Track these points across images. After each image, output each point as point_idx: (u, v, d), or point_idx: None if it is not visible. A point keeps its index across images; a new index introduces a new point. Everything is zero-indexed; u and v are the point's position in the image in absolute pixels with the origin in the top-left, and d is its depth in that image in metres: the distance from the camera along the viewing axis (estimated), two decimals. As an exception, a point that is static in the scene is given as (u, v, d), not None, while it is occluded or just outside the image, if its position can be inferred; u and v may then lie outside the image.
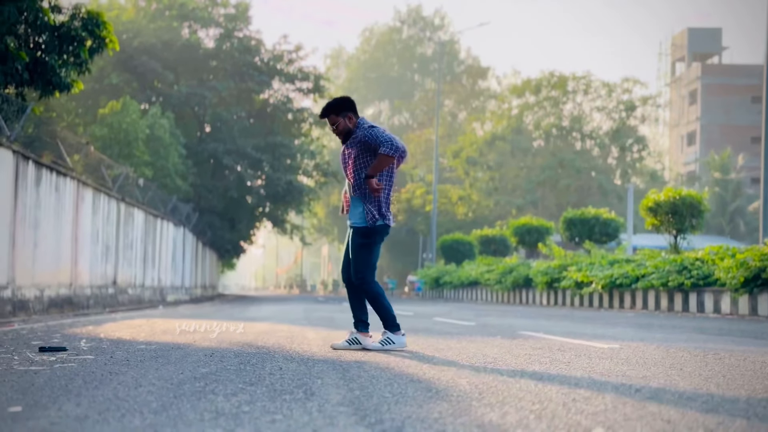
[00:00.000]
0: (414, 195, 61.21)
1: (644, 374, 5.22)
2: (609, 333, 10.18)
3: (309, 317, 15.59)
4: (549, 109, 57.75)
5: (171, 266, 32.86)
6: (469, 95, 75.84)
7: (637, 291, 20.67)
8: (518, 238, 31.40)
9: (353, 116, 7.35)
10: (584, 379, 4.97)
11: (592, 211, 27.46)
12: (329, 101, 7.43)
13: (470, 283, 34.39)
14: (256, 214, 48.87)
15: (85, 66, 18.66)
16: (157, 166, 32.13)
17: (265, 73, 44.26)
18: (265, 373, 5.14)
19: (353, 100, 7.52)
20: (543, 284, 25.58)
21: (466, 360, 6.24)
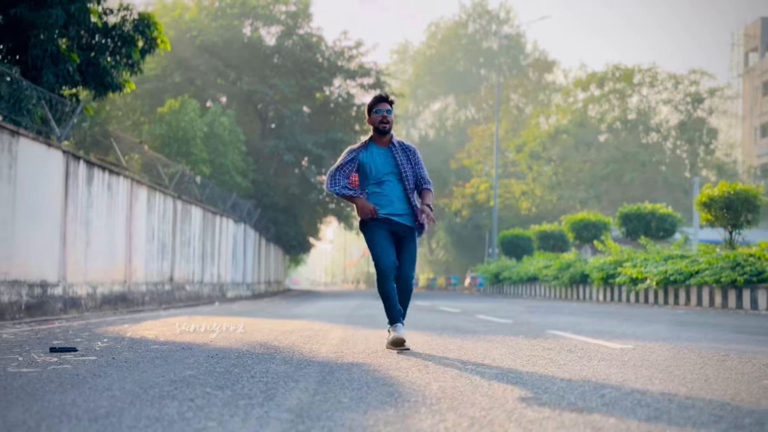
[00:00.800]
0: (478, 190, 60.98)
1: (626, 377, 5.16)
2: (638, 332, 10.04)
3: (352, 315, 15.66)
4: (614, 102, 56.97)
5: (231, 262, 33.24)
6: (536, 89, 75.24)
7: (691, 288, 20.31)
8: (575, 233, 31.06)
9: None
10: (559, 383, 4.93)
11: (649, 206, 27.02)
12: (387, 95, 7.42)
13: (529, 279, 34.15)
14: (319, 210, 49.17)
15: (137, 66, 19.07)
16: (216, 164, 32.52)
17: (325, 70, 44.47)
18: (247, 376, 5.19)
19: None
20: (599, 280, 25.29)
21: (464, 360, 6.22)
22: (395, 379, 5.10)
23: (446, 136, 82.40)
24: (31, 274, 14.55)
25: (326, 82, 44.71)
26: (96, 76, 18.14)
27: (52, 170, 15.72)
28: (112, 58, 18.61)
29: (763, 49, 71.59)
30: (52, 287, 15.54)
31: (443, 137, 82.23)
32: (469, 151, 65.79)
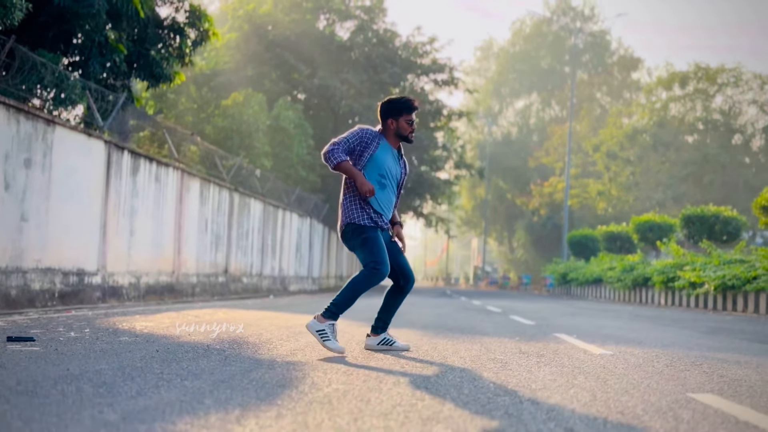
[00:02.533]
0: (556, 189, 60.15)
1: (550, 392, 4.88)
2: (650, 338, 9.63)
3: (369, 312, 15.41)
4: (696, 102, 55.57)
5: (295, 256, 33.33)
6: (620, 87, 73.88)
7: (749, 294, 19.59)
8: (640, 234, 30.30)
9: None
10: (469, 388, 4.68)
11: (713, 208, 26.17)
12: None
13: (594, 281, 33.49)
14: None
15: (188, 58, 19.20)
16: (280, 158, 32.63)
17: (399, 66, 44.31)
18: (156, 372, 5.07)
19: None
20: (660, 284, 24.61)
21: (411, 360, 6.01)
22: (302, 379, 4.90)
23: (529, 134, 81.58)
24: (66, 262, 14.71)
25: (399, 77, 44.50)
26: (146, 68, 18.32)
27: (93, 160, 15.88)
28: (163, 50, 18.79)
29: None
30: (90, 276, 15.70)
31: (525, 135, 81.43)
32: (548, 150, 64.96)
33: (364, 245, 6.72)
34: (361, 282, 6.69)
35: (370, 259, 6.67)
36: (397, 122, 6.72)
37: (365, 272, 6.68)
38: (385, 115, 6.77)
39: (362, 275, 6.69)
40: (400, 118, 6.72)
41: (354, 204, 6.76)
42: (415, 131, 6.80)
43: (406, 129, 6.72)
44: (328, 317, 6.64)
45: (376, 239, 6.71)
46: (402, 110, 6.72)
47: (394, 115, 6.73)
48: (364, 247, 6.73)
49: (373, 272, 6.64)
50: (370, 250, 6.69)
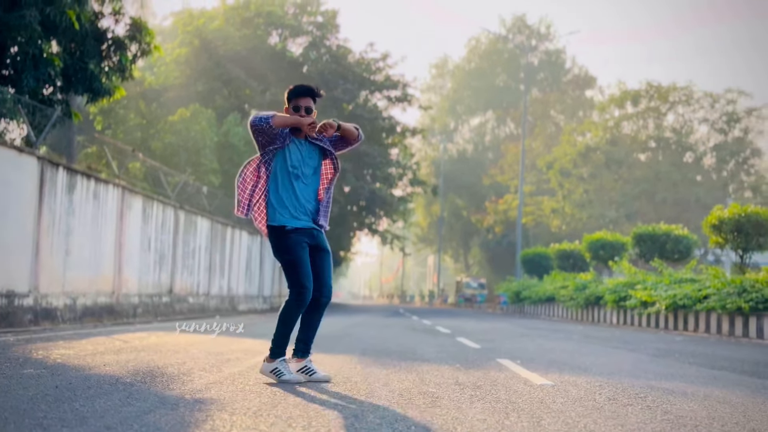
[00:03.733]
0: (510, 206, 60.03)
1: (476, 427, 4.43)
2: (597, 363, 9.23)
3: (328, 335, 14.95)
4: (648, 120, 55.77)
5: (245, 274, 32.72)
6: (575, 105, 74.13)
7: (700, 313, 19.34)
8: (592, 253, 30.08)
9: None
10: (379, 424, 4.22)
11: (664, 227, 25.98)
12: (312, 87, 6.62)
13: (547, 299, 33.22)
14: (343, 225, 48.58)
15: (128, 72, 18.59)
16: (230, 175, 32.02)
17: (352, 82, 43.90)
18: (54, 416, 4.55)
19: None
20: (612, 303, 24.34)
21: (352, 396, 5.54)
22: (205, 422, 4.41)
23: (484, 151, 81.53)
24: (-7, 283, 14.06)
25: (352, 94, 44.08)
26: (84, 82, 17.69)
27: (24, 177, 15.26)
28: (102, 64, 18.19)
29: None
30: (21, 297, 15.04)
31: (481, 152, 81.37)
32: (502, 167, 64.87)
33: (288, 268, 6.39)
34: (289, 313, 6.44)
35: (293, 285, 6.39)
36: (290, 109, 6.48)
37: (289, 302, 6.42)
38: (286, 103, 6.58)
39: (287, 306, 6.44)
40: (290, 105, 6.49)
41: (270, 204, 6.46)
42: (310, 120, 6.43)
43: (305, 119, 6.41)
44: (275, 356, 6.47)
45: (295, 251, 6.37)
46: (290, 97, 6.51)
47: (290, 101, 6.52)
48: (287, 269, 6.41)
49: (297, 301, 6.37)
50: (293, 273, 6.37)
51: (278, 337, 6.47)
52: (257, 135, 6.37)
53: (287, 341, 6.51)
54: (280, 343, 6.47)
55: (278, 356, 6.47)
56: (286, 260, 6.40)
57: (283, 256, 6.41)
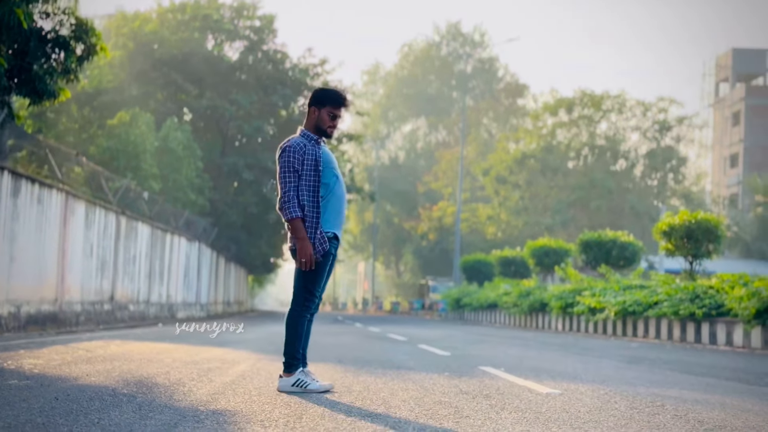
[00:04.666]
0: (445, 213, 60.22)
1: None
2: (579, 370, 9.14)
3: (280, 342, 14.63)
4: (582, 128, 56.46)
5: (183, 282, 32.14)
6: (507, 113, 74.72)
7: (650, 319, 19.49)
8: (536, 259, 30.21)
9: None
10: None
11: (610, 233, 26.18)
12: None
13: (489, 306, 33.29)
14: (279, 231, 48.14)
15: (73, 74, 18.03)
16: (169, 180, 31.48)
17: (289, 87, 43.54)
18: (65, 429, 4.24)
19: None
20: (558, 309, 24.43)
21: (354, 409, 5.31)
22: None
23: (416, 158, 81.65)
24: (-62, 291, 13.48)
25: (290, 99, 43.73)
26: (28, 83, 17.08)
27: (-31, 180, 14.68)
28: (47, 65, 17.62)
29: (734, 79, 71.55)
30: (-35, 306, 14.46)
31: (413, 160, 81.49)
32: (436, 174, 65.04)
33: (312, 275, 6.25)
34: (296, 322, 6.32)
35: (308, 293, 6.29)
36: (319, 112, 6.24)
37: (298, 310, 6.31)
38: (311, 102, 6.32)
39: (296, 315, 6.32)
40: (323, 109, 6.24)
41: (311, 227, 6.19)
42: (336, 127, 6.33)
43: (326, 122, 6.24)
44: (293, 369, 6.28)
45: (324, 267, 6.27)
46: (326, 101, 6.26)
47: (319, 104, 6.27)
48: (309, 276, 6.25)
49: (305, 307, 6.30)
50: (313, 279, 6.27)
51: (291, 348, 6.30)
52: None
53: (298, 352, 6.32)
54: (294, 354, 6.31)
55: (296, 368, 6.29)
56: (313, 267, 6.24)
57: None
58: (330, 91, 6.36)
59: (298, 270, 6.30)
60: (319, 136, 6.29)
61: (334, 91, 6.38)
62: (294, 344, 6.30)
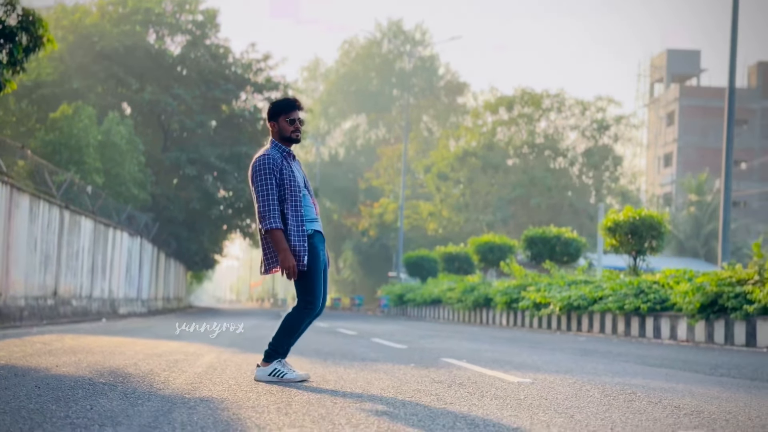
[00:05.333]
0: (386, 210, 60.41)
1: (520, 422, 4.37)
2: (539, 362, 9.32)
3: (239, 337, 14.68)
4: (522, 126, 57.05)
5: (125, 277, 31.83)
6: (447, 111, 75.15)
7: (595, 314, 19.85)
8: (480, 255, 30.51)
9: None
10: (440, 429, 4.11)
11: (554, 230, 26.57)
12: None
13: (433, 301, 33.51)
14: (221, 226, 47.87)
15: (19, 65, 17.76)
16: (112, 174, 31.13)
17: (232, 82, 43.30)
18: (61, 415, 4.26)
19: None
20: (502, 304, 24.71)
21: (340, 395, 5.38)
22: (242, 422, 4.21)
23: (356, 155, 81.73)
24: None
25: (233, 94, 43.47)
26: (-29, 75, 16.85)
27: None
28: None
29: (669, 80, 72.87)
30: None
31: (353, 156, 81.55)
32: (377, 171, 65.23)
33: (303, 278, 6.36)
34: (295, 320, 6.43)
35: (304, 295, 6.39)
36: (278, 123, 6.38)
37: (298, 310, 6.42)
38: (269, 118, 6.47)
39: (297, 315, 6.42)
40: (279, 119, 6.38)
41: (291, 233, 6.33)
42: (299, 130, 6.42)
43: (287, 129, 6.37)
44: (271, 359, 6.38)
45: (314, 272, 6.38)
46: (279, 111, 6.39)
47: (274, 117, 6.42)
48: (302, 279, 6.36)
49: (307, 311, 6.41)
50: (307, 284, 6.38)
51: (279, 343, 6.40)
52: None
53: (283, 348, 6.42)
54: (279, 348, 6.41)
55: (275, 358, 6.38)
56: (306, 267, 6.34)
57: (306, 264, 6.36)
58: (279, 102, 6.50)
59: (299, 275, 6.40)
60: (289, 144, 6.42)
61: (282, 99, 6.53)
62: (283, 339, 6.40)
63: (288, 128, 6.36)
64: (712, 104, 69.03)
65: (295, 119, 6.38)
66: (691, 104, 69.34)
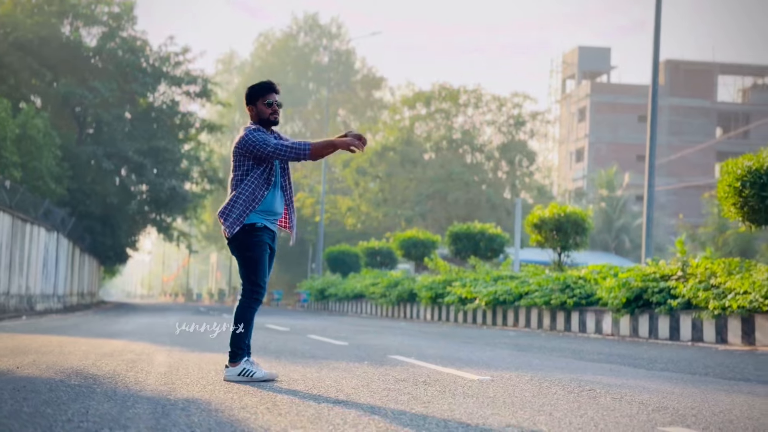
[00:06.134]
0: (304, 204, 60.34)
1: (508, 421, 4.57)
2: (485, 358, 9.58)
3: (175, 333, 14.65)
4: (440, 122, 57.57)
5: (42, 273, 31.27)
6: (364, 105, 75.38)
7: (521, 309, 20.29)
8: (404, 251, 30.84)
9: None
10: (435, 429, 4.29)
11: (478, 225, 27.04)
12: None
13: (355, 296, 33.72)
14: (138, 221, 47.26)
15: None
16: (29, 168, 30.51)
17: (150, 75, 42.76)
18: (63, 419, 4.31)
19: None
20: (427, 299, 25.04)
21: (316, 395, 5.51)
22: (244, 423, 4.33)
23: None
24: None
25: (150, 87, 42.94)
26: None
27: None
28: None
29: (580, 76, 74.34)
30: None
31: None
32: (295, 166, 65.08)
33: (247, 264, 6.46)
34: (248, 311, 6.49)
35: (249, 281, 6.48)
36: (256, 107, 6.51)
37: (246, 301, 6.49)
38: (247, 103, 6.58)
39: (245, 305, 6.48)
40: (257, 103, 6.51)
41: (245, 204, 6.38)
42: (277, 112, 6.56)
43: (266, 112, 6.49)
44: (239, 358, 6.44)
45: (260, 258, 6.46)
46: (256, 94, 6.52)
47: (252, 101, 6.54)
48: (246, 265, 6.47)
49: (254, 297, 6.50)
50: (252, 270, 6.46)
51: (238, 337, 6.46)
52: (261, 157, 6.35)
53: (245, 342, 6.48)
54: (240, 344, 6.46)
55: (241, 357, 6.45)
56: (248, 257, 6.44)
57: (246, 253, 6.44)
58: (255, 85, 6.62)
59: (241, 264, 6.52)
60: (268, 127, 6.52)
61: (258, 83, 6.64)
62: (241, 334, 6.45)
63: (266, 110, 6.48)
64: (622, 101, 70.74)
65: (273, 102, 6.51)
66: (601, 101, 70.87)
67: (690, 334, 14.57)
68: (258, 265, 6.44)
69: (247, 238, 6.43)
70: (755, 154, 13.65)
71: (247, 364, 6.46)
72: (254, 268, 6.44)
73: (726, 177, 13.68)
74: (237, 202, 6.41)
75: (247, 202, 6.39)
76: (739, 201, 13.49)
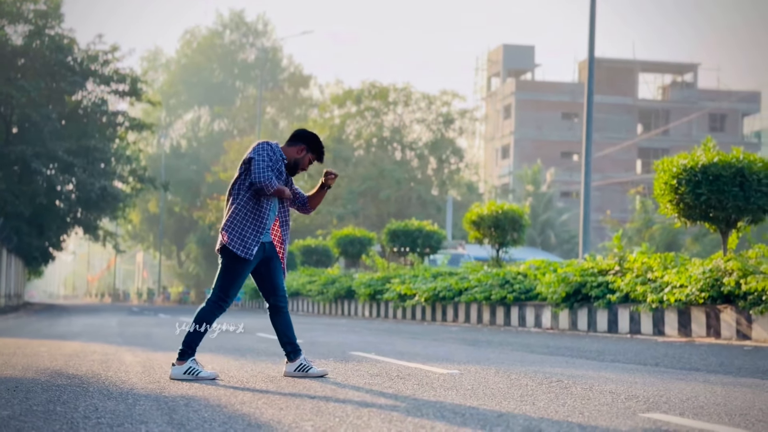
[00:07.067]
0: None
1: (498, 410, 4.89)
2: (441, 353, 9.92)
3: (124, 333, 14.75)
4: (370, 120, 57.92)
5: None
6: (291, 103, 75.28)
7: (460, 304, 20.72)
8: (341, 248, 31.11)
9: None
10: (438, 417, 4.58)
11: (416, 223, 27.46)
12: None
13: (292, 294, 33.86)
14: (67, 221, 46.62)
15: None
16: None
17: (78, 74, 42.18)
18: (79, 416, 4.50)
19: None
20: (366, 296, 25.35)
21: (304, 391, 5.76)
22: (253, 417, 4.57)
23: (199, 147, 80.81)
24: None
25: (79, 86, 42.32)
26: None
27: None
28: None
29: (505, 74, 75.35)
30: None
31: (196, 148, 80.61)
32: (224, 164, 64.77)
33: (227, 275, 6.75)
34: (207, 315, 6.78)
35: (220, 292, 6.77)
36: (306, 155, 6.87)
37: (210, 304, 6.78)
38: (302, 140, 6.90)
39: (209, 309, 6.78)
40: (309, 154, 6.89)
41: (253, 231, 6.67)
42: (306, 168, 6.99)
43: (305, 164, 6.90)
44: (186, 357, 6.68)
45: (240, 274, 6.76)
46: (317, 151, 6.94)
47: (310, 149, 6.90)
48: (226, 276, 6.76)
49: (218, 306, 6.79)
50: (227, 283, 6.75)
51: (193, 338, 6.75)
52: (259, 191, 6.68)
53: (196, 343, 6.76)
54: (192, 344, 6.74)
55: (189, 356, 6.69)
56: (231, 269, 6.73)
57: (231, 265, 6.74)
58: (321, 146, 7.03)
59: (221, 271, 6.79)
60: (293, 172, 6.90)
61: (323, 147, 7.05)
62: (195, 335, 6.75)
63: (305, 162, 6.89)
64: (546, 98, 71.96)
65: (313, 163, 6.92)
66: (526, 98, 71.96)
67: (628, 326, 15.14)
68: (235, 281, 6.73)
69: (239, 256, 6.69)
70: (689, 153, 14.25)
71: (192, 363, 6.70)
72: (231, 282, 6.73)
73: (662, 175, 14.25)
74: (246, 226, 6.66)
75: (255, 228, 6.67)
76: (674, 198, 14.07)
